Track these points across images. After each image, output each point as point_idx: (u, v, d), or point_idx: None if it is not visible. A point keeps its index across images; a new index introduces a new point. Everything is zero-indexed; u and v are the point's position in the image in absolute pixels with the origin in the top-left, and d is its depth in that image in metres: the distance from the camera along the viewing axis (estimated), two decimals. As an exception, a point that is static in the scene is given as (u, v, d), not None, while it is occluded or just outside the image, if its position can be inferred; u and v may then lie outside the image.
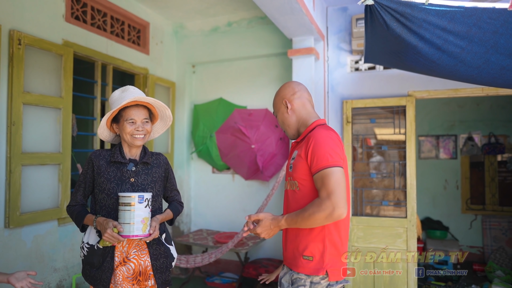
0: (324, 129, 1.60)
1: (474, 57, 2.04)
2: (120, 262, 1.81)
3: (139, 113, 1.83)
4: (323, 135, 1.55)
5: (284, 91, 1.76)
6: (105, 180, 1.82)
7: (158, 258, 1.88)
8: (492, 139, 5.36)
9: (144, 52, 4.03)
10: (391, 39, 2.21)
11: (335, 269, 1.56)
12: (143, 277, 1.84)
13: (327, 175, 1.46)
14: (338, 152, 1.53)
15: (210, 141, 4.24)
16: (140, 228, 1.69)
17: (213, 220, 4.52)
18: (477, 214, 5.45)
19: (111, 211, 1.80)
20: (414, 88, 3.43)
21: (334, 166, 1.48)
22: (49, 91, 2.96)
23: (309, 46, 3.48)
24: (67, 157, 3.08)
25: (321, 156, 1.50)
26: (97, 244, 1.80)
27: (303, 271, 1.56)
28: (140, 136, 1.83)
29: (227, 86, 4.48)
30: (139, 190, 1.85)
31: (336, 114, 3.69)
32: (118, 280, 1.79)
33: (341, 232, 1.59)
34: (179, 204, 2.07)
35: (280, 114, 1.76)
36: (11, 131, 2.63)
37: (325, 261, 1.53)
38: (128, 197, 1.68)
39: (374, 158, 3.62)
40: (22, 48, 2.69)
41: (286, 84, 1.80)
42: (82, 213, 1.82)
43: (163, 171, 1.98)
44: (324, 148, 1.51)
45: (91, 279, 1.82)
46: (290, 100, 1.72)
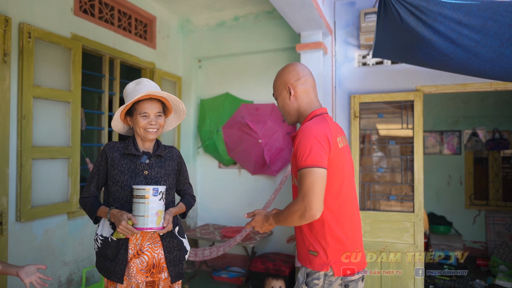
0: (313, 124, 1.51)
1: (488, 51, 2.04)
2: (134, 254, 1.81)
3: (153, 107, 1.82)
4: (307, 131, 1.48)
5: (288, 74, 1.62)
6: (119, 172, 1.82)
7: (171, 251, 1.89)
8: (497, 134, 5.37)
9: (150, 47, 4.02)
10: (404, 32, 2.20)
11: (341, 264, 1.52)
12: (157, 269, 1.85)
13: (303, 175, 1.42)
14: (319, 150, 1.44)
15: (217, 136, 4.24)
16: (155, 220, 1.69)
17: (219, 215, 4.53)
18: (481, 210, 5.48)
19: (125, 203, 1.81)
20: (422, 83, 3.43)
21: (311, 166, 1.41)
22: (58, 85, 2.95)
23: (317, 41, 3.47)
24: (77, 151, 3.08)
25: (300, 155, 1.45)
26: (111, 236, 1.81)
27: (310, 266, 1.54)
28: (153, 130, 1.83)
29: (233, 80, 4.47)
30: (153, 183, 1.84)
31: (343, 109, 3.69)
32: (132, 272, 1.80)
33: (345, 227, 1.54)
34: (192, 198, 2.07)
35: (281, 99, 1.65)
36: (21, 124, 2.63)
37: (329, 257, 1.50)
38: (142, 189, 1.69)
39: (382, 153, 3.63)
40: (32, 42, 2.68)
41: (290, 66, 1.65)
42: (95, 205, 1.82)
43: (176, 164, 1.98)
44: (305, 147, 1.45)
45: (105, 271, 1.83)
46: (294, 85, 1.60)
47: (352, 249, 1.55)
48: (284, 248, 4.12)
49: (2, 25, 2.48)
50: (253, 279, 3.72)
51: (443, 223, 5.44)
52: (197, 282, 4.11)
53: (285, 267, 3.58)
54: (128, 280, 1.80)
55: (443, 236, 5.24)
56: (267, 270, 3.60)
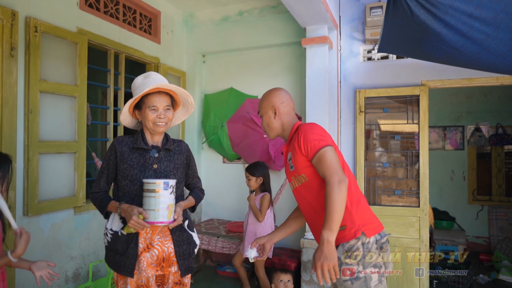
0: (307, 123, 1.83)
1: (499, 44, 2.03)
2: (144, 248, 1.81)
3: (161, 100, 1.81)
4: (307, 126, 1.77)
5: (274, 98, 1.89)
6: (128, 166, 1.82)
7: (181, 245, 1.89)
8: (500, 130, 5.38)
9: (155, 41, 4.00)
10: (414, 26, 2.19)
11: (368, 224, 1.68)
12: (167, 263, 1.85)
13: (321, 158, 1.64)
14: (323, 133, 1.73)
15: (221, 131, 4.24)
16: (166, 214, 1.69)
17: (223, 210, 4.54)
18: (484, 205, 5.49)
19: (134, 197, 1.80)
20: (427, 77, 3.43)
21: (322, 146, 1.65)
22: (64, 79, 2.94)
23: (323, 35, 3.46)
24: (83, 145, 3.07)
25: (311, 142, 1.68)
26: (121, 230, 1.81)
27: (344, 240, 1.66)
28: (162, 124, 1.82)
29: (237, 75, 4.46)
30: (162, 176, 1.84)
31: (348, 104, 3.69)
32: (142, 266, 1.80)
33: (352, 190, 1.71)
34: (200, 191, 2.07)
35: (266, 117, 1.91)
36: (28, 119, 2.62)
37: (356, 224, 1.66)
38: (153, 183, 1.68)
39: (387, 148, 3.63)
40: (38, 36, 2.67)
41: (276, 90, 1.94)
42: (105, 200, 1.82)
43: (184, 158, 1.98)
44: (312, 135, 1.70)
45: (115, 265, 1.83)
46: (278, 107, 1.87)
47: (369, 210, 1.77)
48: (289, 243, 4.13)
49: (9, 19, 2.46)
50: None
51: (446, 218, 5.45)
52: (202, 277, 4.13)
53: (290, 262, 3.59)
54: (138, 274, 1.80)
55: (446, 231, 5.25)
56: (273, 265, 3.61)
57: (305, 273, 3.34)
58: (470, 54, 2.20)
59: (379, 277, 1.67)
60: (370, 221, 1.70)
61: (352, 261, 1.65)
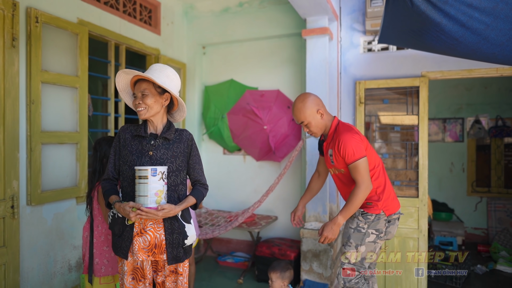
0: (345, 131, 2.26)
1: (498, 34, 2.04)
2: (137, 232, 1.87)
3: (139, 87, 1.89)
4: (346, 133, 2.23)
5: (314, 102, 2.29)
6: (128, 152, 1.91)
7: (172, 233, 1.90)
8: (499, 122, 5.39)
9: (155, 33, 4.00)
10: (414, 16, 2.20)
11: (389, 208, 2.32)
12: (158, 250, 1.88)
13: (355, 167, 2.19)
14: (360, 145, 2.21)
15: (222, 122, 4.25)
16: (154, 200, 1.76)
17: (224, 201, 4.57)
18: (482, 197, 5.53)
19: (131, 182, 1.89)
20: (427, 68, 3.43)
21: (358, 159, 2.18)
22: (65, 70, 2.96)
23: (323, 26, 3.46)
24: (84, 136, 3.09)
25: (349, 154, 2.19)
26: (126, 221, 1.88)
27: (366, 210, 2.31)
28: (140, 109, 1.87)
29: (238, 67, 4.47)
30: (157, 163, 1.87)
31: (348, 95, 3.70)
32: (135, 249, 1.86)
33: (381, 176, 2.35)
34: (203, 187, 2.04)
35: (315, 121, 2.29)
36: (30, 109, 2.64)
37: (379, 205, 2.28)
38: (143, 170, 1.76)
39: (387, 139, 3.65)
40: (39, 26, 2.67)
41: (311, 96, 2.31)
42: (110, 191, 1.92)
43: (185, 147, 1.97)
44: (349, 148, 2.19)
45: (113, 246, 1.94)
46: (323, 109, 2.32)
47: (392, 196, 2.37)
48: (289, 233, 4.17)
49: (10, 9, 2.47)
50: (258, 263, 3.77)
51: (445, 210, 5.49)
52: (202, 267, 4.18)
53: (290, 252, 3.63)
54: (132, 256, 1.88)
55: (444, 222, 5.30)
56: (273, 255, 3.65)
57: (304, 263, 3.38)
58: (470, 44, 2.21)
59: (375, 238, 2.31)
60: (390, 205, 2.32)
61: (362, 219, 2.30)
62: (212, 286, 3.71)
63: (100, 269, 2.22)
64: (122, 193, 1.94)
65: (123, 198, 1.91)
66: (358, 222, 2.33)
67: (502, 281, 4.03)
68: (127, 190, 1.91)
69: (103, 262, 2.23)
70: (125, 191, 1.92)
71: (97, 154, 2.29)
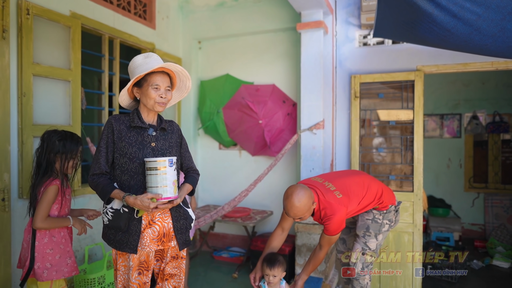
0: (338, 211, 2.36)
1: (490, 25, 2.02)
2: (146, 225, 1.86)
3: (164, 80, 1.86)
4: (339, 212, 2.36)
5: (310, 196, 2.28)
6: (127, 144, 1.84)
7: (178, 220, 1.95)
8: (497, 117, 5.37)
9: (150, 27, 3.99)
10: (406, 8, 2.19)
11: (391, 199, 2.60)
12: (167, 238, 1.91)
13: (330, 238, 2.37)
14: (341, 226, 2.37)
15: (217, 117, 4.24)
16: (172, 190, 1.77)
17: (219, 196, 4.57)
18: (480, 192, 5.52)
19: (134, 175, 1.84)
20: (423, 62, 3.42)
21: (336, 234, 2.36)
22: (58, 63, 2.94)
23: (318, 20, 3.44)
24: (77, 130, 3.08)
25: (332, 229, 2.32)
26: (135, 214, 1.83)
27: (379, 209, 2.57)
28: (163, 102, 1.87)
29: (233, 62, 4.45)
30: (159, 154, 1.89)
31: (344, 89, 3.68)
32: (145, 242, 1.85)
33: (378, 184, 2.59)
34: (195, 173, 2.12)
35: (309, 213, 2.32)
36: (22, 102, 2.63)
37: (385, 203, 2.54)
38: (159, 161, 1.74)
39: (382, 133, 3.63)
40: (30, 18, 2.66)
41: (306, 193, 2.27)
42: (108, 187, 1.81)
43: (177, 137, 2.04)
44: (335, 223, 2.32)
45: (116, 243, 1.85)
46: (313, 196, 2.33)
47: (388, 189, 2.65)
48: (284, 228, 4.16)
49: (0, 0, 2.46)
50: (253, 258, 3.77)
51: (442, 205, 5.49)
52: (198, 261, 4.18)
53: (285, 246, 3.63)
54: (141, 250, 1.85)
55: (442, 218, 5.29)
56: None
57: (299, 257, 3.38)
58: (462, 35, 2.19)
59: (388, 227, 2.61)
60: (391, 199, 2.60)
61: (377, 212, 2.57)
62: (207, 281, 3.70)
63: (42, 274, 2.07)
64: (122, 186, 1.85)
65: (126, 191, 1.82)
66: (374, 214, 2.58)
67: (497, 276, 4.02)
68: (129, 183, 1.83)
69: (45, 266, 2.09)
70: (127, 184, 1.84)
71: (44, 147, 2.14)
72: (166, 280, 1.98)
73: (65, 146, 2.16)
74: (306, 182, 2.51)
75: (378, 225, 2.57)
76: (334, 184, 2.46)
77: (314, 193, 2.37)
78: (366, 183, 2.54)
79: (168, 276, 1.98)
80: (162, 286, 1.98)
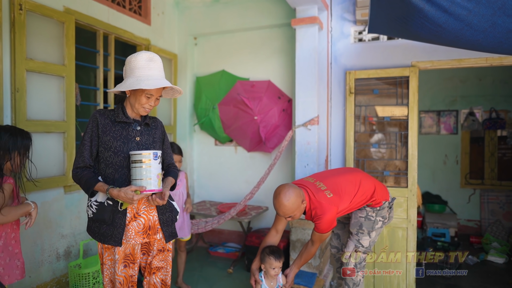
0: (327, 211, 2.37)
1: (480, 20, 2.02)
2: (131, 218, 1.88)
3: (158, 90, 1.90)
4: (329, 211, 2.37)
5: (298, 194, 2.29)
6: (111, 138, 1.87)
7: (164, 213, 1.99)
8: (493, 114, 5.38)
9: (145, 23, 3.98)
10: (397, 3, 2.19)
11: (384, 195, 2.59)
12: (152, 231, 1.94)
13: (320, 236, 2.41)
14: (333, 224, 2.38)
15: (213, 113, 4.24)
16: (156, 183, 1.80)
17: (216, 192, 4.58)
18: (476, 189, 5.53)
19: (118, 168, 1.86)
20: (417, 58, 3.42)
21: (326, 232, 2.39)
22: (51, 59, 2.94)
23: (312, 15, 3.44)
24: (72, 125, 3.09)
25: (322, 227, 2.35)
26: (119, 206, 1.85)
27: (373, 206, 2.57)
28: (149, 109, 1.92)
29: (229, 58, 4.45)
30: (144, 149, 1.92)
31: (339, 85, 3.69)
32: (130, 235, 1.87)
33: (373, 181, 2.60)
34: (176, 168, 2.17)
35: (299, 210, 2.32)
36: (15, 97, 2.63)
37: (379, 199, 2.54)
38: (144, 154, 1.77)
39: (377, 129, 3.64)
40: (23, 14, 2.66)
41: (294, 191, 2.28)
42: (91, 180, 1.82)
43: (161, 133, 2.09)
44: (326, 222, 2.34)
45: (100, 236, 1.87)
46: (302, 195, 2.34)
47: (381, 185, 2.66)
48: (280, 224, 4.17)
49: (-8, -4, 2.46)
50: (248, 253, 3.78)
51: (438, 202, 5.50)
52: (194, 257, 4.20)
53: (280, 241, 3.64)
54: (125, 243, 1.87)
55: (438, 214, 5.31)
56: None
57: (293, 252, 3.39)
58: (454, 30, 2.19)
59: (382, 224, 2.61)
60: (385, 195, 2.60)
61: (370, 209, 2.56)
62: (203, 276, 3.72)
63: None
64: (106, 180, 1.88)
65: (110, 185, 1.83)
66: (367, 211, 2.58)
67: (492, 271, 4.04)
68: (113, 177, 1.86)
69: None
70: (111, 177, 1.87)
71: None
72: (153, 273, 2.00)
73: (16, 143, 2.00)
74: (298, 182, 2.54)
75: (371, 223, 2.59)
76: (325, 183, 2.48)
77: (305, 193, 2.39)
78: (358, 180, 2.55)
79: (155, 269, 2.00)
80: (150, 280, 2.00)
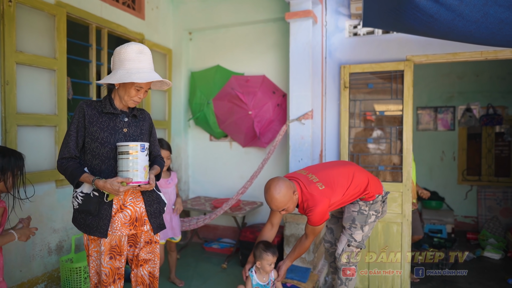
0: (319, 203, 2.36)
1: (472, 10, 2.00)
2: (117, 209, 1.86)
3: (147, 83, 1.89)
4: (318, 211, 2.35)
5: (289, 186, 2.28)
6: (98, 129, 1.84)
7: (151, 204, 1.97)
8: (490, 110, 5.35)
9: (139, 17, 3.96)
10: (389, -7, 2.17)
11: (378, 189, 2.58)
12: (139, 222, 1.92)
13: (314, 229, 2.42)
14: (327, 214, 2.38)
15: (207, 108, 4.22)
16: (143, 175, 1.79)
17: (210, 187, 4.56)
18: (473, 185, 5.51)
19: (105, 160, 1.85)
20: (412, 52, 3.39)
21: (319, 225, 2.38)
22: (42, 52, 2.92)
23: (306, 9, 3.41)
24: (63, 119, 3.07)
25: (315, 220, 2.34)
26: (105, 198, 1.84)
27: (365, 199, 2.55)
28: (138, 101, 1.91)
29: (224, 53, 4.43)
30: (131, 140, 1.90)
31: (333, 80, 3.66)
32: (117, 226, 1.85)
33: (366, 174, 2.58)
34: (162, 159, 2.16)
35: (292, 202, 2.31)
36: (5, 90, 2.61)
37: (372, 192, 2.52)
38: (133, 146, 1.76)
39: (371, 124, 3.61)
40: (13, 6, 2.64)
41: (284, 183, 2.28)
42: (76, 171, 1.80)
43: (148, 125, 2.07)
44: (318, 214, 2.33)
45: (86, 227, 1.85)
46: (293, 186, 2.33)
47: (375, 179, 2.64)
48: (274, 220, 4.15)
49: (-19, -13, 2.43)
50: (243, 248, 3.76)
51: (435, 198, 5.48)
52: (188, 252, 4.18)
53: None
54: (111, 234, 1.85)
55: (435, 211, 5.29)
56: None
57: (287, 247, 3.37)
58: (446, 21, 2.17)
59: (375, 218, 2.60)
60: (378, 189, 2.58)
61: (363, 203, 2.55)
62: (197, 271, 3.70)
63: None
64: (92, 171, 1.86)
65: (97, 176, 1.82)
66: (360, 205, 2.57)
67: (488, 267, 4.03)
68: (100, 168, 1.85)
69: None
70: (98, 168, 1.85)
71: None
72: (141, 266, 1.98)
73: (9, 163, 1.89)
74: (290, 175, 2.53)
75: (364, 217, 2.57)
76: (317, 175, 2.46)
77: (297, 185, 2.38)
78: (351, 173, 2.53)
79: (142, 261, 1.98)
80: (137, 272, 1.98)
